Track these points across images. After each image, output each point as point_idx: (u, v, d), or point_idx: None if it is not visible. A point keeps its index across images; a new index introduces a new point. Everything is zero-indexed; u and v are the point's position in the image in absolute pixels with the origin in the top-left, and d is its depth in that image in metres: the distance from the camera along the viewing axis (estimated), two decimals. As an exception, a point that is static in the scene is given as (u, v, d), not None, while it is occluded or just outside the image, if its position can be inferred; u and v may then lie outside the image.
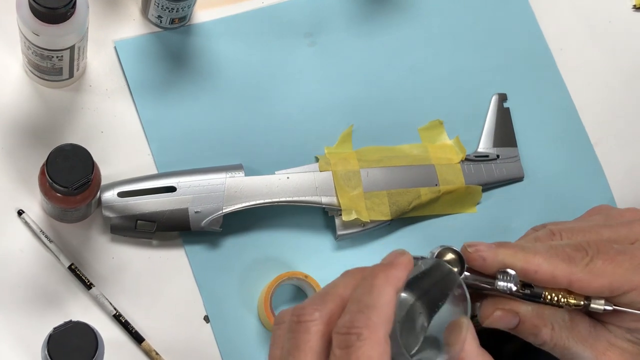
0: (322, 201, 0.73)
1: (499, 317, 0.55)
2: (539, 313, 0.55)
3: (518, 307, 0.55)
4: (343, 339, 0.46)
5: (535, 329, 0.55)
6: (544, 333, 0.55)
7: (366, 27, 0.80)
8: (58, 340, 0.60)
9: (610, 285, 0.53)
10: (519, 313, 0.55)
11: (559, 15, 0.84)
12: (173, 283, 0.72)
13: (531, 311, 0.55)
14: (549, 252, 0.54)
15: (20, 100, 0.73)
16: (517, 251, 0.54)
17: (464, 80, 0.81)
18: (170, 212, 0.70)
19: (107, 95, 0.75)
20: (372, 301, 0.47)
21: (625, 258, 0.54)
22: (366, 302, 0.47)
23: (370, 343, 0.46)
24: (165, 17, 0.75)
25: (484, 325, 0.56)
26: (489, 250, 0.54)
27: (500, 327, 0.55)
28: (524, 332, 0.55)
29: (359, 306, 0.47)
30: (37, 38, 0.65)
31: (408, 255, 0.50)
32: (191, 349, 0.71)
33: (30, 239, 0.71)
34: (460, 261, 0.53)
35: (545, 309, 0.55)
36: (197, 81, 0.76)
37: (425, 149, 0.78)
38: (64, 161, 0.64)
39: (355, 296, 0.48)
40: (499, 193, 0.79)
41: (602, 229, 0.57)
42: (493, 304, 0.55)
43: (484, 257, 0.54)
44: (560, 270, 0.53)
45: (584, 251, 0.54)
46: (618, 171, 0.81)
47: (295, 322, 0.48)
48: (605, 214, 0.61)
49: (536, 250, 0.54)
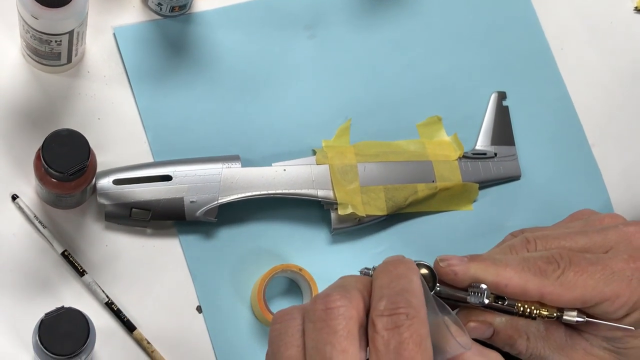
0: (318, 194, 0.72)
1: (473, 328, 0.55)
2: (513, 324, 0.55)
3: (492, 319, 0.55)
4: (389, 320, 0.46)
5: (510, 340, 0.55)
6: (519, 344, 0.55)
7: (367, 21, 0.80)
8: (49, 326, 0.60)
9: (582, 297, 0.53)
10: (493, 324, 0.55)
11: (560, 14, 0.84)
12: (166, 272, 0.72)
13: (505, 322, 0.55)
14: (520, 265, 0.54)
15: (18, 84, 0.73)
16: (489, 265, 0.54)
17: (463, 77, 0.81)
18: (165, 201, 0.70)
19: (105, 82, 0.75)
20: (406, 285, 0.47)
21: (597, 269, 0.54)
22: (401, 287, 0.47)
23: (419, 321, 0.46)
24: (166, 4, 0.74)
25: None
26: (460, 265, 0.54)
27: (475, 337, 0.55)
28: (500, 343, 0.56)
29: (394, 291, 0.47)
30: (36, 22, 0.65)
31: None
32: (183, 339, 0.71)
33: (24, 224, 0.71)
34: (433, 276, 0.53)
35: (519, 320, 0.55)
36: (196, 70, 0.76)
37: (422, 145, 0.78)
38: (60, 146, 0.63)
39: (383, 283, 0.48)
40: (495, 191, 0.79)
41: (578, 237, 0.57)
42: (467, 315, 0.55)
43: (455, 272, 0.54)
44: (531, 284, 0.53)
45: (556, 263, 0.54)
46: (615, 172, 0.81)
47: (322, 310, 0.46)
48: (585, 219, 0.60)
49: (507, 263, 0.54)
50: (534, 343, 0.55)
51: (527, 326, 0.55)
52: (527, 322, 0.55)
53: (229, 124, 0.75)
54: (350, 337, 0.46)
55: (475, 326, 0.55)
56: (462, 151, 0.78)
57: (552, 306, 0.54)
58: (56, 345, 0.60)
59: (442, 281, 0.54)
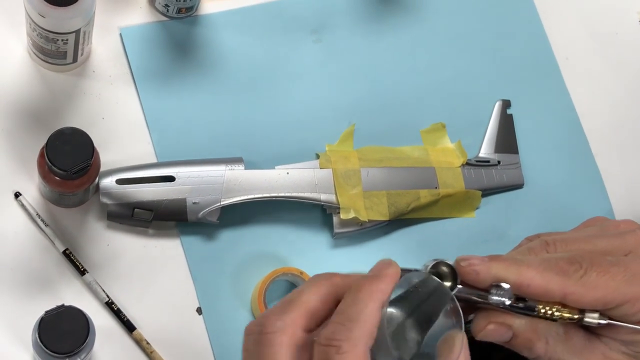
0: (320, 198, 0.72)
1: (492, 330, 0.54)
2: (533, 327, 0.54)
3: (512, 321, 0.54)
4: (322, 351, 0.46)
5: (529, 343, 0.55)
6: (538, 347, 0.55)
7: (373, 26, 0.80)
8: (49, 324, 0.60)
9: (604, 297, 0.53)
10: (513, 327, 0.54)
11: (565, 24, 0.84)
12: (167, 273, 0.72)
13: (525, 325, 0.54)
14: (542, 265, 0.53)
15: (23, 82, 0.73)
16: (510, 264, 0.53)
17: (468, 85, 0.81)
18: (168, 202, 0.70)
19: (110, 82, 0.75)
20: (355, 314, 0.47)
21: (619, 270, 0.53)
22: (349, 315, 0.47)
23: (349, 357, 0.46)
24: (173, 6, 0.75)
25: (477, 338, 0.55)
26: (482, 264, 0.53)
27: (494, 340, 0.55)
28: (518, 346, 0.55)
29: (341, 318, 0.47)
30: (43, 20, 0.65)
31: (395, 266, 0.50)
32: (182, 340, 0.71)
33: (26, 221, 0.71)
34: (453, 275, 0.53)
35: (539, 323, 0.54)
36: (201, 72, 0.76)
37: (426, 151, 0.78)
38: (64, 145, 0.63)
39: (339, 308, 0.48)
40: (498, 199, 0.79)
41: (597, 240, 0.57)
42: (486, 317, 0.54)
43: (477, 271, 0.53)
44: (553, 284, 0.53)
45: (578, 264, 0.53)
46: (618, 183, 0.81)
47: (258, 334, 0.48)
48: (600, 225, 0.60)
49: (529, 263, 0.54)
50: (554, 347, 0.55)
51: (547, 329, 0.54)
52: (546, 325, 0.54)
53: (233, 126, 0.75)
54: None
55: (495, 328, 0.54)
56: (466, 158, 0.78)
57: (574, 308, 0.53)
58: (55, 344, 0.60)
59: (462, 282, 0.53)
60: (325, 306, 0.50)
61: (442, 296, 0.51)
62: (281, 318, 0.48)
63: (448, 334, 0.50)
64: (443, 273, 0.53)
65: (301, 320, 0.48)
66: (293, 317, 0.48)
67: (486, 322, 0.54)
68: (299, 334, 0.48)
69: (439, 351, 0.50)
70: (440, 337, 0.50)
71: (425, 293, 0.51)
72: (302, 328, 0.48)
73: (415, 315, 0.51)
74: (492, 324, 0.54)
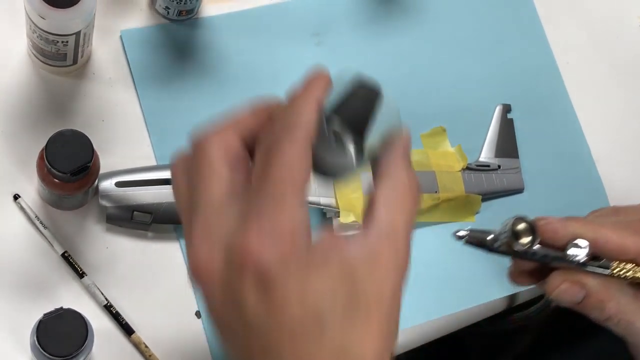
0: (320, 202, 0.72)
1: (566, 289, 0.57)
2: (605, 287, 0.57)
3: (585, 279, 0.57)
4: (263, 154, 0.44)
5: (601, 304, 0.57)
6: (610, 307, 0.57)
7: (374, 29, 0.80)
8: (48, 326, 0.60)
9: None
10: (586, 285, 0.57)
11: (566, 29, 0.84)
12: (166, 276, 0.72)
13: (598, 285, 0.57)
14: (617, 224, 0.57)
15: (23, 84, 0.73)
16: (587, 223, 0.56)
17: (468, 89, 0.81)
18: (167, 205, 0.70)
19: (110, 84, 0.75)
20: (294, 117, 0.45)
21: None
22: (287, 118, 0.45)
23: (291, 156, 0.43)
24: (173, 8, 0.74)
25: (552, 297, 0.58)
26: (560, 222, 0.56)
27: (566, 300, 0.57)
28: (590, 307, 0.57)
29: (280, 122, 0.45)
30: (43, 21, 0.65)
31: (325, 70, 0.49)
32: (181, 344, 0.70)
33: (25, 224, 0.70)
34: (533, 232, 0.55)
35: (612, 284, 0.57)
36: (202, 75, 0.76)
37: (426, 155, 0.77)
38: (64, 146, 0.63)
39: (276, 114, 0.46)
40: (498, 204, 0.79)
41: None
42: (561, 275, 0.57)
43: (555, 229, 0.55)
44: (629, 242, 0.55)
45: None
46: (618, 188, 0.81)
47: (191, 147, 0.47)
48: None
49: (604, 223, 0.57)
50: (625, 307, 0.57)
51: (619, 290, 0.57)
52: (619, 286, 0.57)
53: (233, 130, 0.75)
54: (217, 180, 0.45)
55: (568, 287, 0.56)
56: (466, 162, 0.78)
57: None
58: (54, 346, 0.59)
59: (541, 241, 0.55)
60: (259, 120, 0.48)
61: (373, 95, 0.50)
62: (215, 128, 0.46)
63: (388, 132, 0.49)
64: (523, 229, 0.54)
65: (235, 130, 0.47)
66: (227, 126, 0.47)
67: (560, 281, 0.57)
68: (234, 143, 0.46)
69: (380, 152, 0.48)
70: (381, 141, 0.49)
71: (359, 98, 0.50)
72: (238, 137, 0.46)
73: (351, 116, 0.49)
74: (566, 282, 0.57)
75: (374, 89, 0.50)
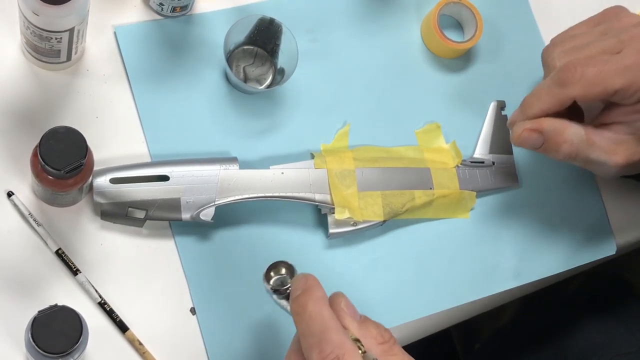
0: (315, 198, 0.72)
1: (527, 136, 0.67)
2: (559, 132, 0.67)
3: (542, 125, 0.67)
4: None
5: (558, 146, 0.67)
6: (564, 148, 0.67)
7: (368, 26, 0.80)
8: (42, 323, 0.59)
9: (604, 90, 0.65)
10: (543, 130, 0.67)
11: (561, 25, 0.84)
12: (161, 273, 0.71)
13: (553, 130, 0.67)
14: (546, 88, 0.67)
15: (16, 81, 0.73)
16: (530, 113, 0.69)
17: (463, 85, 0.81)
18: (162, 201, 0.69)
19: (104, 81, 0.74)
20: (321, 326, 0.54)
21: (611, 65, 0.65)
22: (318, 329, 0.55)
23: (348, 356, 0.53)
24: (167, 5, 0.74)
25: (515, 144, 0.69)
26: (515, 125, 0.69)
27: (529, 145, 0.68)
28: (549, 149, 0.68)
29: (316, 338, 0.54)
30: (37, 18, 0.65)
31: (311, 276, 0.58)
32: (176, 341, 0.70)
33: (19, 221, 0.70)
34: (291, 271, 0.62)
35: (565, 127, 0.67)
36: (196, 71, 0.76)
37: (420, 151, 0.77)
38: (58, 143, 0.63)
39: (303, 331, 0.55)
40: (492, 200, 0.79)
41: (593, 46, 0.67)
42: (521, 125, 0.68)
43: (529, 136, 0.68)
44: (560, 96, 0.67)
45: (574, 68, 0.66)
46: (611, 184, 0.81)
47: None
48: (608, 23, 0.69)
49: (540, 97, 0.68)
50: (578, 146, 0.67)
51: (572, 133, 0.67)
52: (572, 129, 0.67)
53: (227, 126, 0.75)
54: None
55: (529, 134, 0.67)
56: (460, 159, 0.78)
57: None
58: (48, 343, 0.59)
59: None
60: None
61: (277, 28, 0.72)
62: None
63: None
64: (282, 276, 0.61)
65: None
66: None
67: (521, 129, 0.68)
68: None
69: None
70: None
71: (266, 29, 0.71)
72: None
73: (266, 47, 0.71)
74: (525, 130, 0.68)
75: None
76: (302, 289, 0.57)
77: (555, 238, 0.79)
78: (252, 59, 0.76)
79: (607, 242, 0.80)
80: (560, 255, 0.79)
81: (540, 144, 0.68)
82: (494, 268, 0.77)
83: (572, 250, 0.79)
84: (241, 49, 0.76)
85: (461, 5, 0.79)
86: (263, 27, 0.75)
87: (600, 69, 0.65)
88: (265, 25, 0.74)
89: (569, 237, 0.79)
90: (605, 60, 0.66)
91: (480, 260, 0.77)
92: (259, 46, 0.76)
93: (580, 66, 0.66)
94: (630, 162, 0.68)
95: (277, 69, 0.76)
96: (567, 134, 0.67)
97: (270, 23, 0.74)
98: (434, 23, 0.78)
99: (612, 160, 0.68)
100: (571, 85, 0.66)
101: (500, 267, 0.77)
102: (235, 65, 0.76)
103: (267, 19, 0.74)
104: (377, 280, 0.75)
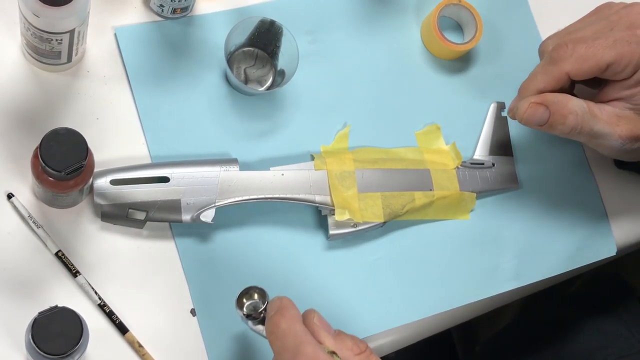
0: (315, 199, 0.72)
1: (534, 110, 0.69)
2: (563, 104, 0.68)
3: (545, 98, 0.69)
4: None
5: (563, 118, 0.68)
6: (570, 119, 0.68)
7: (368, 28, 0.80)
8: (43, 325, 0.59)
9: (596, 65, 0.68)
10: (547, 102, 0.68)
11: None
12: (161, 274, 0.71)
13: (557, 102, 0.68)
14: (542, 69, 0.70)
15: (17, 82, 0.73)
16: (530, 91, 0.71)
17: (462, 87, 0.81)
18: (162, 202, 0.69)
19: (105, 82, 0.74)
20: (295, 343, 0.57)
21: (601, 41, 0.68)
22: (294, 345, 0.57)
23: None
24: (167, 6, 0.74)
25: (522, 122, 0.70)
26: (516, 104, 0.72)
27: (536, 121, 0.69)
28: (555, 123, 0.69)
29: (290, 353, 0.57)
30: (37, 20, 0.65)
31: (285, 297, 0.60)
32: (176, 342, 0.70)
33: (19, 222, 0.70)
34: (263, 296, 0.62)
35: (568, 101, 0.68)
36: (196, 73, 0.76)
37: (420, 153, 0.78)
38: (58, 145, 0.63)
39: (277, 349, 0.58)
40: (492, 201, 0.79)
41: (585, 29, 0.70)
42: (526, 101, 0.69)
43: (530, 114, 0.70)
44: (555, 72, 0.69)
45: (565, 46, 0.68)
46: (611, 185, 0.81)
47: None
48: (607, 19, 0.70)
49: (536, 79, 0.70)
50: (582, 118, 0.68)
51: (576, 105, 0.68)
52: (575, 102, 0.69)
53: (228, 127, 0.75)
54: None
55: (534, 108, 0.69)
56: (460, 160, 0.78)
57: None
58: (49, 345, 0.59)
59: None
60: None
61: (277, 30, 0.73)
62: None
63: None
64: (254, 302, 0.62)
65: None
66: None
67: (527, 105, 0.69)
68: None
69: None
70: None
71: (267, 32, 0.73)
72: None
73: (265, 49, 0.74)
74: (532, 104, 0.69)
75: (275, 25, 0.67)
76: (275, 309, 0.59)
77: (556, 239, 0.79)
78: (253, 61, 0.76)
79: (608, 244, 0.80)
80: (561, 256, 0.79)
81: (546, 118, 0.69)
82: (494, 269, 0.77)
83: (572, 252, 0.79)
84: (242, 51, 0.76)
85: (461, 7, 0.79)
86: (264, 29, 0.75)
87: (590, 44, 0.68)
88: (265, 27, 0.74)
89: (569, 238, 0.79)
90: (595, 37, 0.68)
91: (480, 261, 0.77)
92: (259, 48, 0.76)
93: (571, 43, 0.69)
94: (633, 136, 0.69)
95: (278, 70, 0.76)
96: (571, 106, 0.68)
97: (271, 25, 0.74)
98: (433, 24, 0.78)
99: (615, 132, 0.69)
100: (563, 61, 0.68)
101: (501, 268, 0.77)
102: (236, 66, 0.76)
103: (267, 21, 0.74)
104: (377, 282, 0.75)
